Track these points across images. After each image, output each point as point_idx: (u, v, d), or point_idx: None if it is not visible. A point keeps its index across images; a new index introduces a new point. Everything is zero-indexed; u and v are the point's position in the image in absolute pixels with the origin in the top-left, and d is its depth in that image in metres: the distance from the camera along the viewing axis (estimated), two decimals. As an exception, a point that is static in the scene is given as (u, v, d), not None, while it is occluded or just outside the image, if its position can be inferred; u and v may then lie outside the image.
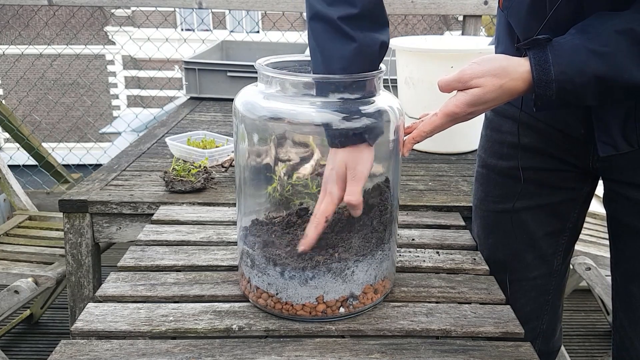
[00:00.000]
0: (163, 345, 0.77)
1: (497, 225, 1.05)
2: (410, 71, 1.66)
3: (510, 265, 1.03)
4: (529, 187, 0.98)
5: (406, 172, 1.54)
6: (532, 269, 1.03)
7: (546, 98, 0.73)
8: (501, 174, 1.02)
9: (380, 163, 0.84)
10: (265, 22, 9.56)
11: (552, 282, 1.05)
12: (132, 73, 10.18)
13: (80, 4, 2.42)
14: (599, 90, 0.72)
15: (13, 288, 1.47)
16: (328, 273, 0.81)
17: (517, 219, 1.01)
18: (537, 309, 1.07)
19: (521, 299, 1.04)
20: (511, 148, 0.99)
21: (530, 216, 1.00)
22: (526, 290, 1.05)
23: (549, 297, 1.06)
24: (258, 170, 0.83)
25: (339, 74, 0.76)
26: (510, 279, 1.02)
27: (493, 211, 1.05)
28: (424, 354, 0.77)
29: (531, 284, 1.04)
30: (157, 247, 1.05)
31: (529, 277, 1.04)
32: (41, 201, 2.35)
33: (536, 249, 1.02)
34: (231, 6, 2.44)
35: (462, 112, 0.78)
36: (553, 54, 0.72)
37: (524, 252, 1.03)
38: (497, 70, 0.75)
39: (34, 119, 6.22)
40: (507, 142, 1.00)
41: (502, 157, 1.01)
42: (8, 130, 2.67)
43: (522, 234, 1.02)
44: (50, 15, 3.58)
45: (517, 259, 1.03)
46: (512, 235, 1.02)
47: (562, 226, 1.01)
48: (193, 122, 2.05)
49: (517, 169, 0.97)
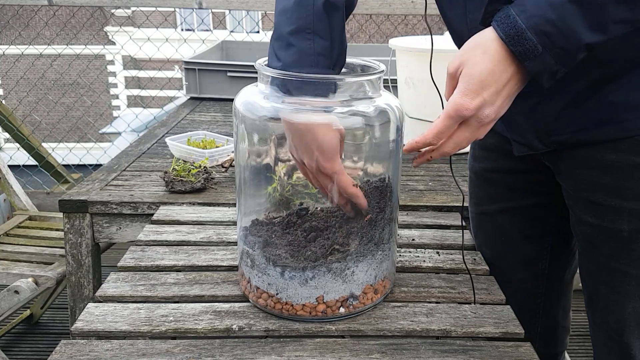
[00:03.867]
0: (163, 346, 0.77)
1: (480, 226, 1.06)
2: (410, 71, 1.66)
3: (495, 266, 1.03)
4: (499, 190, 0.99)
5: (406, 172, 1.54)
6: (516, 272, 1.03)
7: (535, 56, 0.64)
8: (477, 175, 1.04)
9: (380, 163, 0.84)
10: (265, 22, 9.56)
11: (540, 285, 1.03)
12: (132, 73, 10.18)
13: (80, 4, 2.42)
14: (584, 13, 0.61)
15: (13, 288, 1.47)
16: (328, 273, 0.81)
17: (494, 221, 1.02)
18: (527, 312, 1.04)
19: (509, 300, 1.02)
20: (481, 149, 1.01)
21: (506, 219, 1.01)
22: (512, 292, 1.02)
23: (538, 301, 1.05)
24: (258, 170, 0.83)
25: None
26: (498, 280, 1.02)
27: (475, 212, 1.07)
28: (424, 354, 0.77)
29: (517, 286, 1.03)
30: (157, 247, 1.05)
31: (513, 279, 1.03)
32: (41, 201, 2.36)
33: (517, 252, 1.02)
34: (231, 6, 2.44)
35: (465, 105, 0.67)
36: (514, 9, 0.64)
37: (505, 254, 1.03)
38: (471, 44, 0.69)
39: (34, 119, 6.22)
40: (477, 143, 1.00)
41: (475, 158, 1.03)
42: (8, 130, 2.67)
43: (500, 236, 1.02)
44: (50, 15, 3.58)
45: (500, 260, 1.04)
46: (493, 237, 1.04)
47: (542, 230, 1.00)
48: (193, 122, 2.05)
49: (489, 171, 0.98)
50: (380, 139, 0.80)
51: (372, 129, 0.79)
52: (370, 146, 0.81)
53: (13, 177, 1.98)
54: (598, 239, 0.83)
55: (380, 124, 0.79)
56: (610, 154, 0.78)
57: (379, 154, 0.82)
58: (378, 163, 0.84)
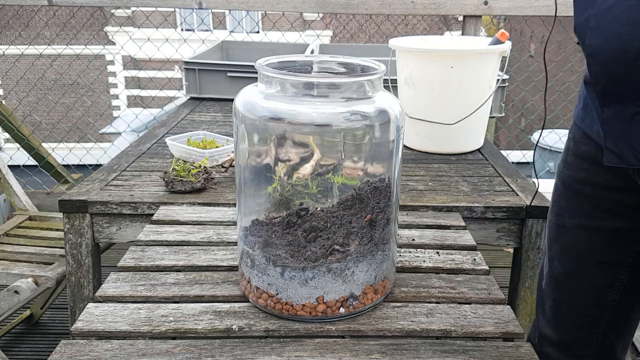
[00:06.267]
0: (163, 346, 0.77)
1: (556, 239, 0.99)
2: (410, 71, 1.66)
3: (562, 284, 0.98)
4: (584, 204, 0.91)
5: (406, 172, 1.54)
6: (582, 296, 0.97)
7: None
8: (564, 184, 0.96)
9: (380, 163, 0.84)
10: (265, 22, 9.56)
11: (604, 317, 0.97)
12: (132, 73, 10.18)
13: (80, 4, 2.42)
14: None
15: (13, 288, 1.47)
16: (328, 273, 0.81)
17: (572, 237, 0.95)
18: (583, 340, 0.99)
19: (567, 322, 0.99)
20: (574, 156, 0.93)
21: (584, 237, 0.93)
22: (573, 316, 0.98)
23: (598, 331, 0.98)
24: (258, 170, 0.83)
25: None
26: (560, 299, 0.97)
27: (554, 223, 1.00)
28: (424, 354, 0.77)
29: (579, 311, 0.98)
30: (157, 248, 1.05)
31: (576, 303, 0.98)
32: (41, 201, 2.35)
33: (588, 276, 0.95)
34: (231, 6, 2.44)
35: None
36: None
37: (575, 276, 0.96)
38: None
39: (34, 119, 6.22)
40: (571, 149, 0.94)
41: (566, 165, 0.95)
42: (8, 130, 2.67)
43: (574, 255, 0.95)
44: (50, 15, 3.58)
45: (568, 280, 0.97)
46: (566, 253, 0.96)
47: (620, 259, 0.92)
48: (193, 122, 2.05)
49: (577, 181, 0.90)
50: (380, 139, 0.80)
51: (372, 129, 0.79)
52: (370, 146, 0.81)
53: (13, 177, 1.98)
54: None
55: (380, 124, 0.79)
56: None
57: (379, 154, 0.82)
58: (378, 163, 0.84)
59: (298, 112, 0.78)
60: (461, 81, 1.59)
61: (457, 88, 1.59)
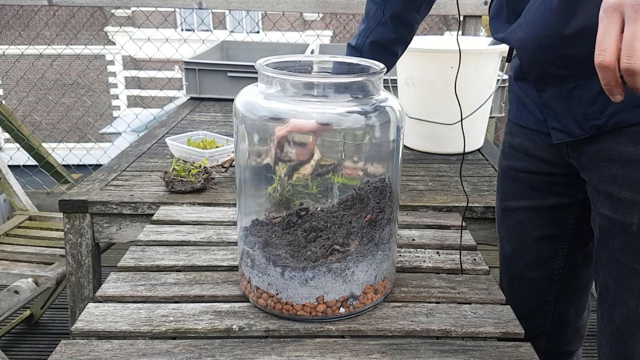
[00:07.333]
0: (163, 346, 0.77)
1: (502, 221, 1.08)
2: (410, 71, 1.66)
3: (512, 261, 1.07)
4: (522, 188, 1.01)
5: (406, 172, 1.54)
6: (529, 269, 1.05)
7: None
8: (503, 172, 1.06)
9: (381, 163, 0.84)
10: (265, 22, 9.56)
11: (552, 285, 1.05)
12: (132, 73, 10.18)
13: (80, 4, 2.42)
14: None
15: (13, 288, 1.47)
16: (328, 273, 0.81)
17: (514, 217, 1.04)
18: (537, 310, 1.08)
19: (521, 295, 1.07)
20: (509, 148, 1.03)
21: (525, 217, 1.03)
22: (525, 288, 1.07)
23: (549, 299, 1.06)
24: (258, 170, 0.83)
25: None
26: (512, 274, 1.07)
27: (499, 207, 1.09)
28: (424, 354, 0.77)
29: (529, 283, 1.06)
30: (157, 248, 1.05)
31: (526, 275, 1.06)
32: (41, 201, 2.35)
33: (533, 250, 1.04)
34: (231, 6, 2.44)
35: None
36: None
37: (521, 251, 1.06)
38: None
39: (34, 119, 6.22)
40: (508, 141, 1.04)
41: (504, 155, 1.05)
42: (8, 130, 2.67)
43: (519, 233, 1.05)
44: (50, 15, 3.58)
45: (516, 257, 1.07)
46: (512, 233, 1.06)
47: (559, 231, 1.01)
48: (193, 123, 2.05)
49: (513, 169, 1.01)
50: (380, 139, 0.80)
51: (372, 129, 0.79)
52: (370, 146, 0.81)
53: (13, 177, 1.98)
54: (611, 232, 0.84)
55: (380, 124, 0.79)
56: (631, 147, 0.79)
57: (379, 154, 0.82)
58: (378, 163, 0.84)
59: (298, 112, 0.78)
60: (461, 81, 1.59)
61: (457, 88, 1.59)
